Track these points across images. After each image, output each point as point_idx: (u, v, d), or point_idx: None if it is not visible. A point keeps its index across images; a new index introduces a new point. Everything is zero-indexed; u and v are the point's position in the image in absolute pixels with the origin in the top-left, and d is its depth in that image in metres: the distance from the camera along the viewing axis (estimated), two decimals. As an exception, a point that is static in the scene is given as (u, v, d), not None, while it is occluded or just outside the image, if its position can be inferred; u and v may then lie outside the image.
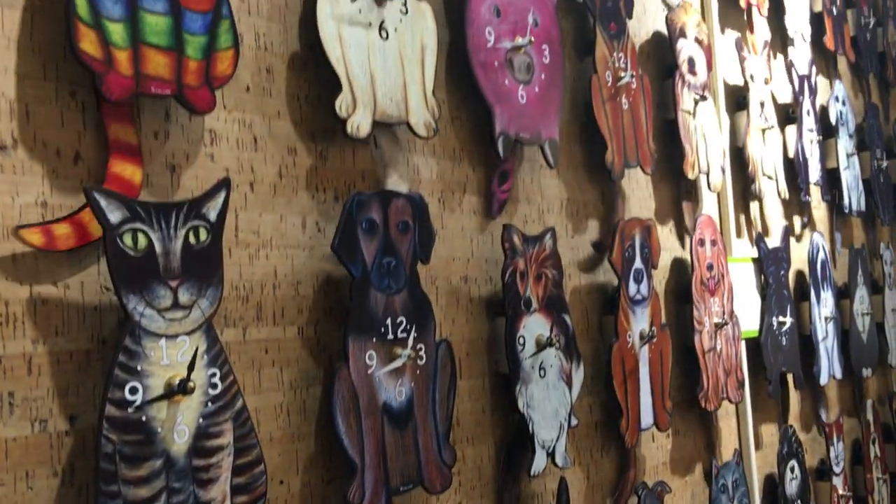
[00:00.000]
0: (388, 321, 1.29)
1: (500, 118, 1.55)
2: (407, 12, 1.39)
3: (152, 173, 1.09)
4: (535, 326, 1.56)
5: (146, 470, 0.97)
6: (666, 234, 2.09)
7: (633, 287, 1.82)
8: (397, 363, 1.28)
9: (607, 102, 1.84)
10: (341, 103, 1.26)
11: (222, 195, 1.08)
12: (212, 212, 1.07)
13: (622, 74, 1.88)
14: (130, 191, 1.04)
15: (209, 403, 1.04)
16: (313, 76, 1.29)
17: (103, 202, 0.97)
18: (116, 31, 1.00)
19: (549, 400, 1.58)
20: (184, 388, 1.00)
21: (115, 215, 0.97)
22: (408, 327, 1.31)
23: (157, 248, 1.01)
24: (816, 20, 2.88)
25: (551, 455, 1.56)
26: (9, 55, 0.97)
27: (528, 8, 1.65)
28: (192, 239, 1.04)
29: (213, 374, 1.05)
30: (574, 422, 1.62)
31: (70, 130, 1.01)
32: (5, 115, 0.96)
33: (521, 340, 1.53)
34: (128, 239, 0.98)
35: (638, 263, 1.84)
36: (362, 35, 1.31)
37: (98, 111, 1.03)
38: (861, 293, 2.89)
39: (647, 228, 1.87)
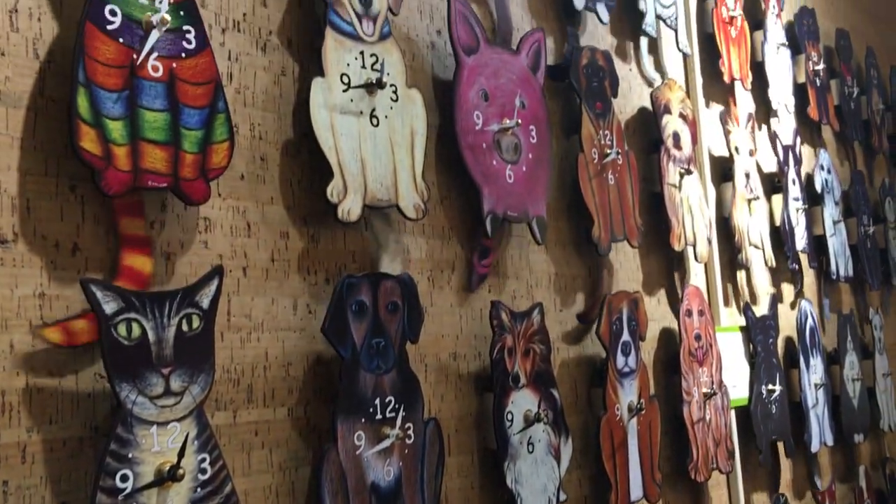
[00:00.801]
0: (377, 401, 1.31)
1: (488, 198, 1.60)
2: (397, 99, 1.45)
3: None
4: (523, 402, 1.58)
5: (135, 558, 0.99)
6: (654, 305, 2.12)
7: (620, 360, 1.85)
8: (386, 443, 1.30)
9: (594, 179, 1.89)
10: (332, 190, 1.30)
11: (215, 283, 1.11)
12: (205, 299, 1.10)
13: (608, 151, 1.93)
14: (141, 281, 1.09)
15: (198, 489, 1.06)
16: (306, 162, 1.34)
17: (99, 294, 1.00)
18: (116, 129, 1.05)
19: (538, 475, 1.59)
20: (173, 475, 1.02)
21: (110, 306, 1.01)
22: (396, 407, 1.34)
23: (151, 336, 1.04)
24: (800, 91, 2.96)
25: (540, 531, 1.57)
26: (12, 153, 1.01)
27: (515, 91, 1.71)
28: (184, 326, 1.07)
29: (203, 460, 1.07)
30: (563, 497, 1.63)
31: (69, 223, 1.05)
32: (7, 210, 1.00)
33: (510, 416, 1.55)
34: (122, 329, 1.01)
35: (625, 336, 1.87)
36: (354, 123, 1.36)
37: (107, 206, 1.08)
38: (851, 358, 2.91)
39: (634, 301, 1.91)
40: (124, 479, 0.99)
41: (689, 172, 2.20)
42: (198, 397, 1.07)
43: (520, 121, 1.68)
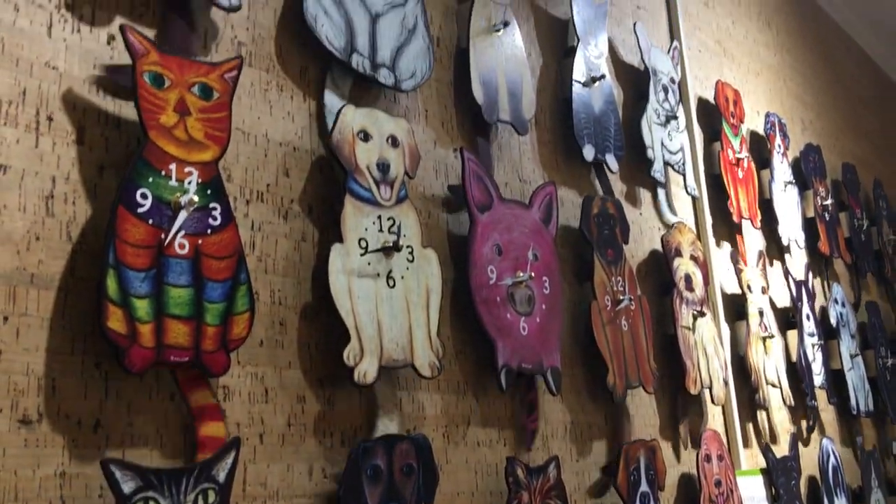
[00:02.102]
0: (391, 569, 1.29)
1: (503, 352, 1.62)
2: (413, 260, 1.49)
3: (166, 434, 1.14)
4: (540, 561, 1.55)
5: None
6: (671, 452, 2.10)
7: (639, 511, 1.82)
8: None
9: (607, 326, 1.91)
10: (349, 353, 1.33)
11: (232, 455, 1.12)
12: (221, 473, 1.11)
13: (621, 298, 1.96)
14: (220, 445, 1.15)
15: None
16: (323, 325, 1.37)
17: (118, 474, 1.01)
18: (142, 307, 1.09)
19: None
20: None
21: (128, 486, 1.02)
22: (411, 574, 1.32)
23: (167, 514, 1.04)
24: (809, 226, 3.01)
25: None
26: (41, 334, 1.04)
27: (528, 244, 1.75)
28: (200, 502, 1.07)
29: None
30: None
31: (92, 399, 1.07)
32: (33, 391, 1.02)
33: (526, 578, 1.52)
34: (139, 507, 1.02)
35: (644, 486, 1.85)
36: (371, 286, 1.40)
37: (130, 382, 1.11)
38: (877, 496, 2.84)
39: (651, 450, 1.89)
40: None
41: (702, 314, 2.22)
42: (211, 575, 1.07)
43: (532, 273, 1.72)
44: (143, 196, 1.12)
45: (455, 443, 1.56)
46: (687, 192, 2.38)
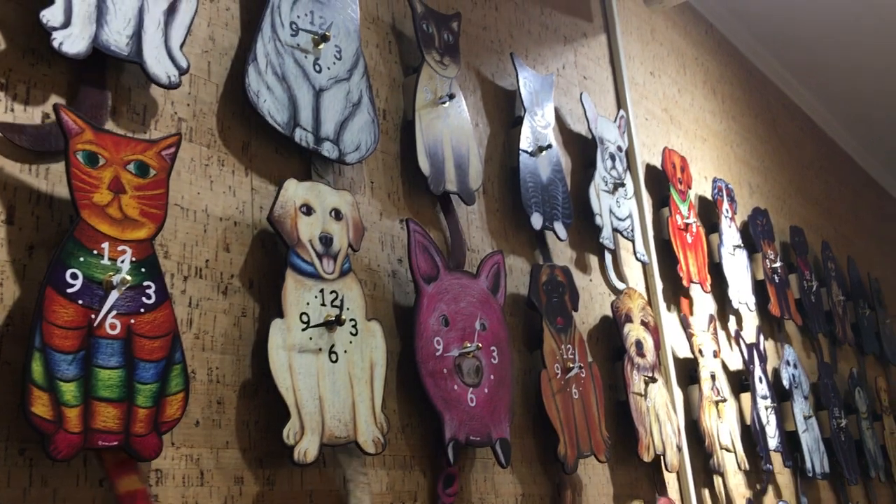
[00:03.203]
0: None
1: (450, 424, 1.60)
2: (357, 333, 1.48)
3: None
4: None
5: None
6: (626, 520, 2.08)
7: (593, 585, 1.79)
8: None
9: (557, 395, 1.90)
10: (289, 432, 1.30)
11: (162, 544, 1.08)
12: (150, 562, 1.07)
13: (571, 366, 1.96)
14: None
15: None
16: (263, 403, 1.35)
17: (39, 566, 0.97)
18: (69, 391, 1.06)
19: None
20: None
21: (49, 579, 0.97)
22: None
23: None
24: (760, 288, 3.05)
25: None
26: (-38, 421, 1.01)
27: (475, 314, 1.75)
28: None
29: None
30: None
31: (16, 488, 1.04)
32: (-50, 481, 0.98)
33: None
34: None
35: (597, 559, 1.82)
36: (312, 361, 1.38)
37: (56, 468, 1.07)
38: (836, 560, 2.83)
39: (604, 520, 1.87)
40: None
41: (653, 380, 2.22)
42: None
43: (480, 344, 1.72)
44: (73, 276, 1.10)
45: (401, 520, 1.52)
46: (636, 258, 2.41)
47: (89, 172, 1.14)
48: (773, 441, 2.71)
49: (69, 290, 1.09)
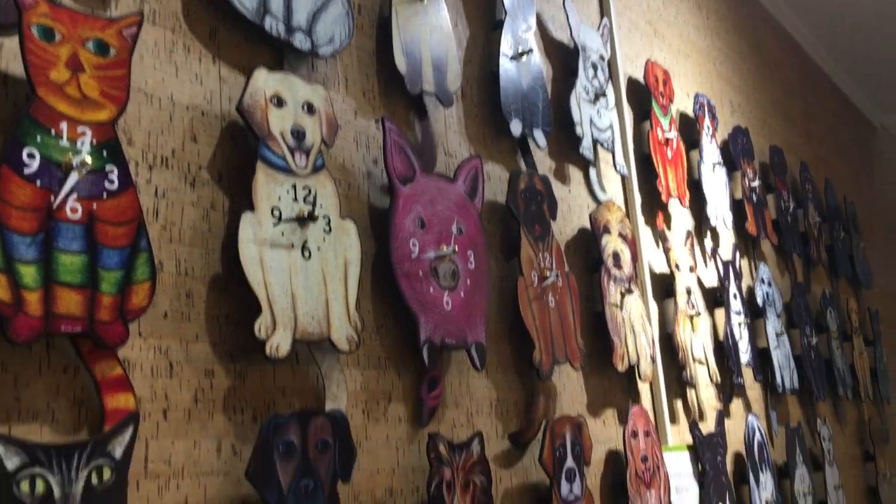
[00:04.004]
0: (305, 548, 1.25)
1: (425, 326, 1.58)
2: (330, 231, 1.44)
3: (58, 409, 1.07)
4: (462, 539, 1.52)
5: None
6: (599, 428, 2.10)
7: (565, 487, 1.80)
8: None
9: (534, 302, 1.89)
10: (260, 326, 1.27)
11: (129, 431, 1.06)
12: (118, 448, 1.05)
13: (548, 274, 1.94)
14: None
15: None
16: (234, 297, 1.31)
17: (1, 448, 0.95)
18: (28, 274, 1.02)
19: None
20: None
21: (12, 461, 0.95)
22: (325, 553, 1.27)
23: (56, 492, 0.98)
24: (737, 207, 3.04)
25: None
26: (-85, 301, 0.97)
27: (452, 217, 1.72)
28: (94, 479, 1.01)
29: None
30: None
31: (-26, 372, 1.00)
32: None
33: (448, 555, 1.49)
34: (25, 486, 0.96)
35: (570, 462, 1.83)
36: (284, 257, 1.34)
37: (16, 353, 1.03)
38: (801, 472, 2.90)
39: (577, 426, 1.88)
40: None
41: (630, 291, 2.22)
42: (106, 557, 1.01)
43: (457, 247, 1.69)
44: (31, 156, 1.05)
45: (375, 419, 1.52)
46: (616, 170, 2.38)
47: (45, 48, 1.08)
48: (745, 356, 2.74)
49: (26, 171, 1.04)
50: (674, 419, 2.38)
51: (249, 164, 1.35)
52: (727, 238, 2.95)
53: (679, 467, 2.27)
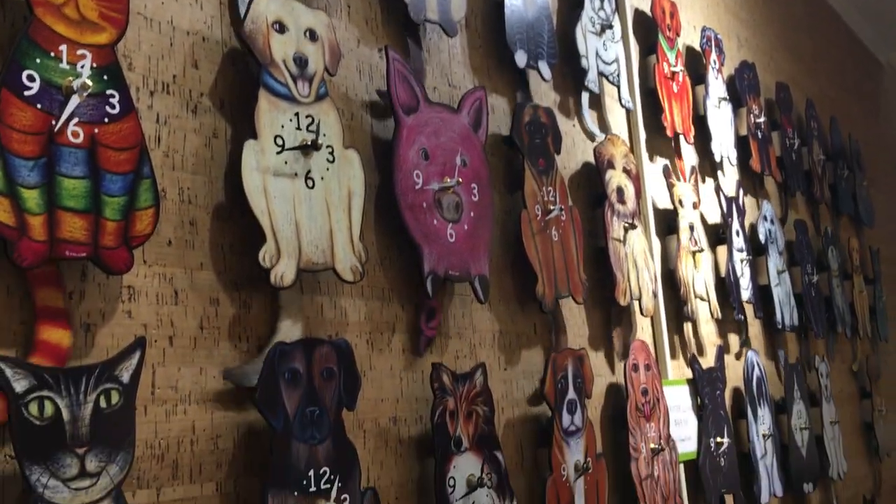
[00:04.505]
0: (311, 473, 1.27)
1: (429, 258, 1.58)
2: (334, 160, 1.43)
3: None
4: (465, 466, 1.55)
5: None
6: (601, 361, 2.11)
7: (566, 418, 1.83)
8: (319, 517, 1.25)
9: (537, 235, 1.89)
10: (264, 254, 1.27)
11: (137, 355, 1.07)
12: (125, 373, 1.05)
13: (551, 208, 1.93)
14: (59, 355, 1.04)
15: (115, 576, 1.01)
16: (237, 226, 1.31)
17: (9, 371, 0.95)
18: (31, 198, 1.01)
19: (481, 542, 1.55)
20: (86, 563, 0.96)
21: (21, 384, 0.96)
22: (331, 478, 1.29)
23: (65, 415, 0.99)
24: (742, 144, 3.01)
25: None
26: (-82, 225, 0.96)
27: (456, 149, 1.70)
28: (102, 403, 1.02)
29: (121, 544, 1.02)
30: (508, 563, 1.59)
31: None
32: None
33: (452, 482, 1.51)
34: (34, 408, 0.96)
35: (571, 394, 1.85)
36: (288, 186, 1.33)
37: (21, 277, 1.03)
38: (798, 407, 2.93)
39: (579, 358, 1.89)
40: (32, 569, 0.93)
41: (633, 227, 2.21)
42: (116, 477, 1.02)
43: (461, 179, 1.68)
44: (30, 78, 1.03)
45: (379, 349, 1.52)
46: (621, 104, 2.35)
47: (41, -33, 1.05)
48: (746, 293, 2.75)
49: (26, 93, 1.02)
50: (674, 354, 2.40)
51: (251, 91, 1.33)
52: (731, 174, 2.93)
53: (678, 401, 2.30)
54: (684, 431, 2.29)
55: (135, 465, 1.09)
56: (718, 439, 2.38)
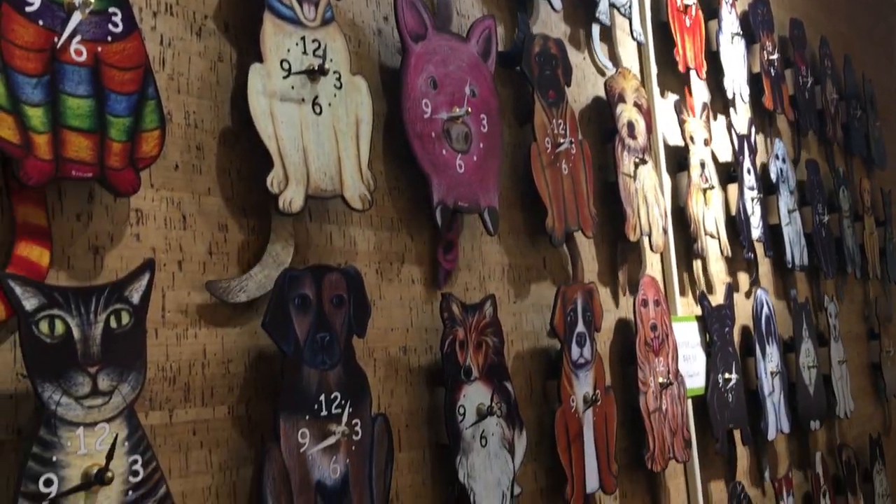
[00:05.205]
0: (322, 397, 1.27)
1: (438, 188, 1.56)
2: (341, 87, 1.40)
3: (73, 256, 1.07)
4: (475, 395, 1.55)
5: (60, 566, 0.94)
6: (609, 296, 2.11)
7: (575, 351, 1.83)
8: (331, 440, 1.26)
9: (547, 168, 1.87)
10: (272, 179, 1.26)
11: (146, 277, 1.06)
12: (135, 294, 1.05)
13: (561, 141, 1.91)
14: (37, 273, 1.03)
15: (130, 492, 1.02)
16: (245, 151, 1.29)
17: (18, 289, 0.95)
18: (36, 116, 1.00)
19: (491, 469, 1.56)
20: (102, 478, 0.97)
21: (30, 302, 0.96)
22: (342, 403, 1.30)
23: (76, 333, 0.99)
24: (755, 81, 2.96)
25: (493, 526, 1.54)
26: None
27: (465, 79, 1.67)
28: (113, 323, 1.02)
29: (135, 461, 1.03)
30: (517, 490, 1.61)
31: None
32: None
33: (462, 410, 1.52)
34: (44, 326, 0.96)
35: (580, 327, 1.85)
36: (295, 111, 1.32)
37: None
38: (807, 346, 2.93)
39: (588, 292, 1.89)
40: (48, 483, 0.94)
41: (643, 162, 2.19)
42: (128, 397, 1.03)
43: (470, 109, 1.65)
44: (31, -6, 1.01)
45: (389, 279, 1.52)
46: (633, 37, 2.30)
47: None
48: (756, 231, 2.73)
49: (27, 9, 1.00)
50: (683, 291, 2.39)
51: (256, 14, 1.30)
52: (743, 112, 2.89)
53: (687, 337, 2.30)
54: (692, 367, 2.30)
55: (147, 386, 1.10)
56: (726, 375, 2.38)
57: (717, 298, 2.48)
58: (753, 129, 2.87)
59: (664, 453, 2.07)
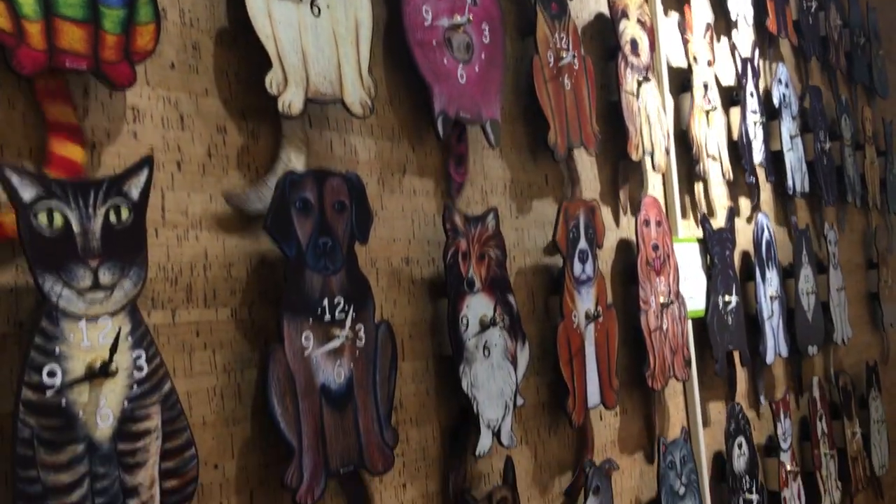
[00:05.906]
0: (325, 302, 1.26)
1: (439, 98, 1.54)
2: (340, -12, 1.37)
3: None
4: (478, 306, 1.55)
5: (67, 455, 0.94)
6: (611, 215, 2.09)
7: (577, 267, 1.82)
8: (335, 343, 1.26)
9: (549, 83, 1.83)
10: (271, 81, 1.23)
11: (145, 173, 1.04)
12: (134, 190, 1.03)
13: (564, 55, 1.87)
14: (75, 170, 1.02)
15: (134, 386, 1.01)
16: (243, 53, 1.26)
17: (15, 179, 0.93)
18: (27, 4, 0.97)
19: (494, 379, 1.57)
20: (105, 371, 0.97)
21: (28, 193, 0.94)
22: (346, 308, 1.29)
23: (75, 226, 0.97)
24: (759, 3, 2.91)
25: (497, 435, 1.55)
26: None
27: (466, -14, 1.63)
28: (112, 218, 1.01)
29: (139, 357, 1.02)
30: (520, 401, 1.62)
31: (-20, 106, 0.97)
32: None
33: (465, 320, 1.52)
34: (42, 217, 0.95)
35: (582, 244, 1.84)
36: (293, 12, 1.28)
37: (23, 89, 1.00)
38: (806, 272, 2.93)
39: (591, 209, 1.87)
40: (52, 374, 0.94)
41: (647, 80, 2.15)
42: (130, 292, 1.02)
43: (471, 17, 1.62)
44: None
45: (391, 190, 1.50)
46: (635, -48, 2.25)
47: None
48: (758, 156, 2.70)
49: None
50: (685, 213, 2.38)
51: None
52: (747, 34, 2.84)
53: (688, 258, 2.30)
54: (693, 289, 2.29)
55: (148, 286, 1.09)
56: (726, 298, 2.38)
57: (717, 223, 2.47)
58: (756, 52, 2.82)
59: (664, 372, 2.08)
